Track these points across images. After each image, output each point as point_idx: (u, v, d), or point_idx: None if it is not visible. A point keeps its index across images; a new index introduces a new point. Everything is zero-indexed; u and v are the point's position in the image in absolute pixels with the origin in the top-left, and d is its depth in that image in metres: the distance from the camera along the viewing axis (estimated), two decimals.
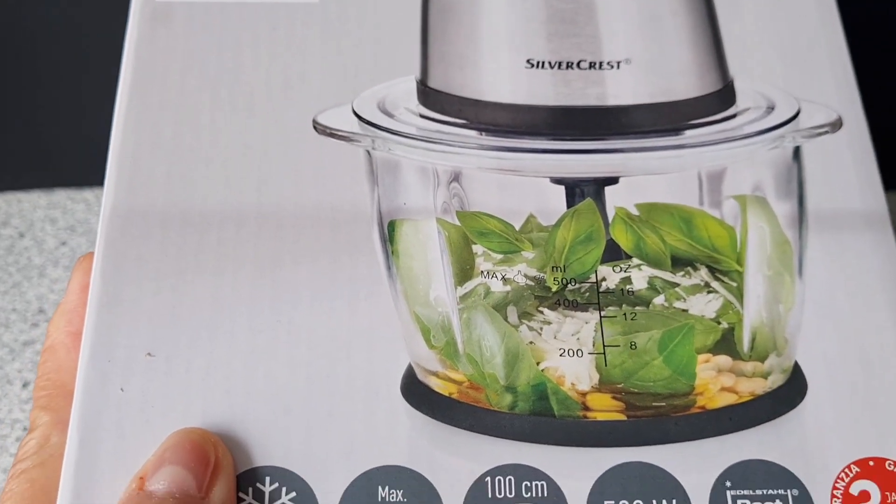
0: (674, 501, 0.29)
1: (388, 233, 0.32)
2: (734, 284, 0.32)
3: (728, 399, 0.30)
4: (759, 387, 0.31)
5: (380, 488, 0.29)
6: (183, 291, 0.31)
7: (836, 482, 0.29)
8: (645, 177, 0.33)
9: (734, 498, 0.29)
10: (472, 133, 0.33)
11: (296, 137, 0.34)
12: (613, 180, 0.33)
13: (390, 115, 0.34)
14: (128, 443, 0.29)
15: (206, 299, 0.31)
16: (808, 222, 0.33)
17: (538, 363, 0.30)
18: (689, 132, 0.33)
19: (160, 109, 0.34)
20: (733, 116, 0.33)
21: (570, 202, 0.33)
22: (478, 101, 0.33)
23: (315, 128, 0.34)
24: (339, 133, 0.33)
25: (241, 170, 0.33)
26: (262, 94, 0.34)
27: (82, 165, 0.61)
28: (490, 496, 0.29)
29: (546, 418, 0.30)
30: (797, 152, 0.34)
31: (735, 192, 0.33)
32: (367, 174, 0.33)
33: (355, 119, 0.34)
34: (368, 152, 0.33)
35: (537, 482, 0.29)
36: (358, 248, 0.32)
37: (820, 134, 0.34)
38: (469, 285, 0.32)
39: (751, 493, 0.29)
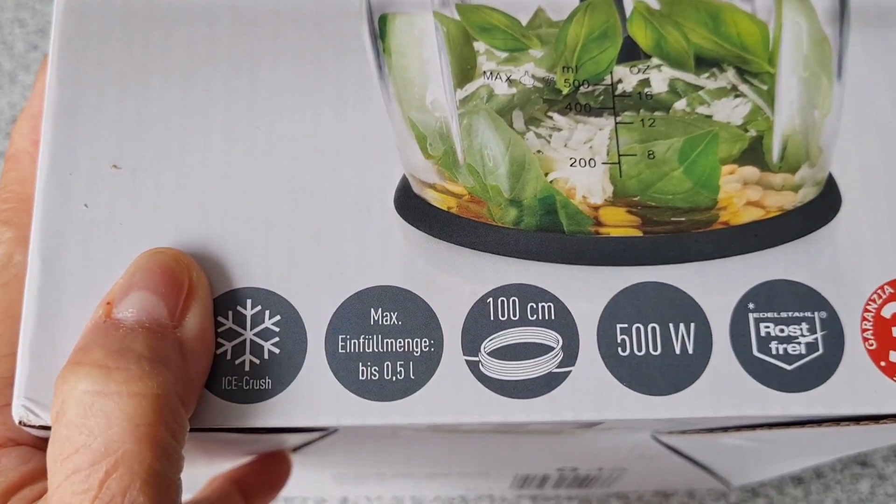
0: (692, 325, 0.27)
1: (379, 28, 0.29)
2: (765, 88, 0.29)
3: (754, 214, 0.28)
4: (789, 201, 0.28)
5: (372, 311, 0.26)
6: (150, 97, 0.28)
7: (867, 304, 0.27)
8: None
9: (757, 321, 0.27)
10: None
11: None
12: None
13: None
14: (94, 264, 0.26)
15: (177, 105, 0.28)
16: (850, 17, 0.29)
17: (546, 174, 0.28)
18: None
19: None
20: None
21: None
22: None
23: None
24: None
25: None
26: None
27: None
28: (492, 318, 0.26)
29: (554, 234, 0.27)
30: None
31: None
32: None
33: None
34: None
35: (544, 303, 0.27)
36: (345, 46, 0.29)
37: None
38: (470, 87, 0.28)
39: (775, 315, 0.27)
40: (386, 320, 0.26)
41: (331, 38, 0.29)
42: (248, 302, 0.26)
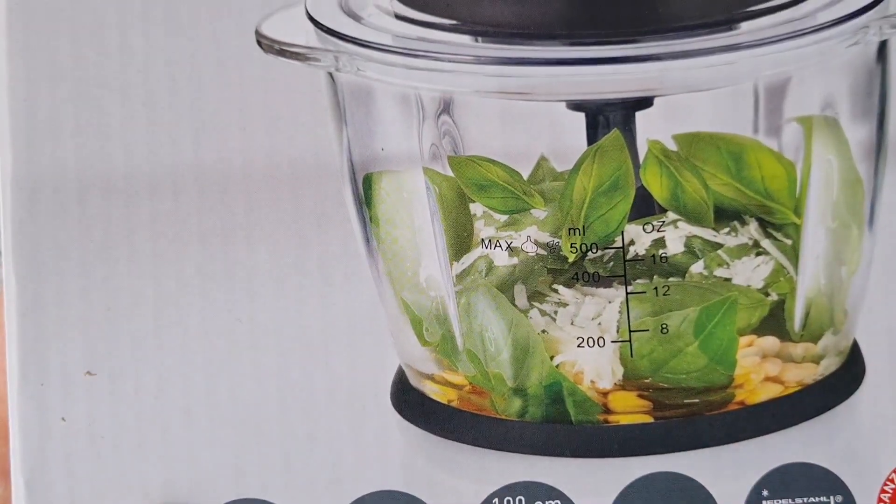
0: None
1: (364, 191, 0.26)
2: (788, 242, 0.26)
3: (771, 391, 0.26)
4: (809, 374, 0.26)
5: None
6: (118, 287, 0.25)
7: (884, 485, 0.26)
8: (686, 96, 0.26)
9: None
10: (466, 39, 0.25)
11: (236, 59, 0.26)
12: (647, 102, 0.26)
13: (357, 19, 0.26)
14: (80, 484, 0.25)
15: (148, 297, 0.25)
16: (888, 152, 0.26)
17: (552, 357, 0.26)
18: (744, 24, 0.25)
19: (51, 30, 0.25)
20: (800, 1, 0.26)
21: (592, 136, 0.26)
22: None
23: (259, 43, 0.26)
24: (291, 50, 0.25)
25: (169, 110, 0.26)
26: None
27: None
28: None
29: (561, 426, 0.26)
30: (882, 50, 0.26)
31: (799, 111, 0.26)
32: (332, 109, 0.26)
33: (312, 27, 0.26)
34: (331, 75, 0.26)
35: (551, 502, 0.26)
36: (327, 215, 0.26)
37: None
38: (467, 259, 0.26)
39: (790, 501, 0.26)
40: None
41: (310, 206, 0.26)
42: None
